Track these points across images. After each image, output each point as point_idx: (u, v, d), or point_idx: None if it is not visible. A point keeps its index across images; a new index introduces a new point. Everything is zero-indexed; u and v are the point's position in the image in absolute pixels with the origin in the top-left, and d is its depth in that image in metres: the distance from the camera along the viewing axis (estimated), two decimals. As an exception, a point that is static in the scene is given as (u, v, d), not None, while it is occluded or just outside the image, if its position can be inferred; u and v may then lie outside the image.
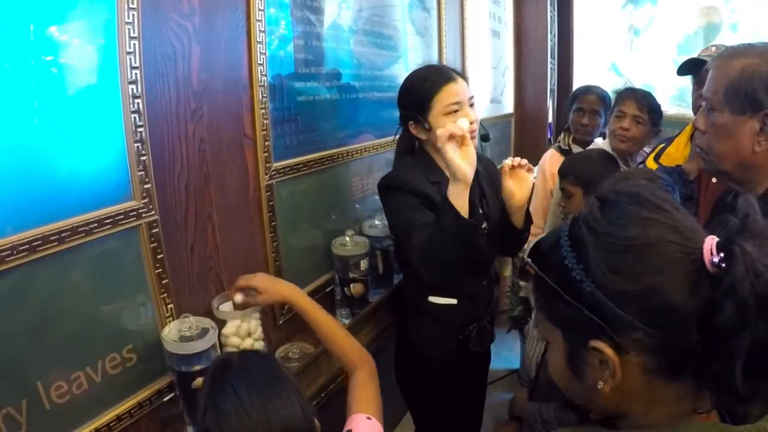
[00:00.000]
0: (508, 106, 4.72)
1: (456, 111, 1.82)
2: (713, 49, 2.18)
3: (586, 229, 0.77)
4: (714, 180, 2.14)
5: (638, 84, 5.02)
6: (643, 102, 2.54)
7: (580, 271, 0.76)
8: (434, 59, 3.05)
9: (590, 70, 5.47)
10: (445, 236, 1.68)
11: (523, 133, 4.89)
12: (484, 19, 3.99)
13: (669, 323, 0.71)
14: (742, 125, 1.32)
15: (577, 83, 5.24)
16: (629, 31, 5.41)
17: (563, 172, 2.34)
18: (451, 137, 1.62)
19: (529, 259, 0.86)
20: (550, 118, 5.16)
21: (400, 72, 2.61)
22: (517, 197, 1.86)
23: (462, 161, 1.63)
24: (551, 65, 5.10)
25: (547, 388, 1.75)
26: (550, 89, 5.12)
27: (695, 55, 2.22)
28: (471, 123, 1.81)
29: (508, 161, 1.84)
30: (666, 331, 0.71)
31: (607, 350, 0.74)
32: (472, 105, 1.88)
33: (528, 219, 1.96)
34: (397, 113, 1.95)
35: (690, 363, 0.73)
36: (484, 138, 2.04)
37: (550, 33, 5.01)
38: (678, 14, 5.11)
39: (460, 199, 1.65)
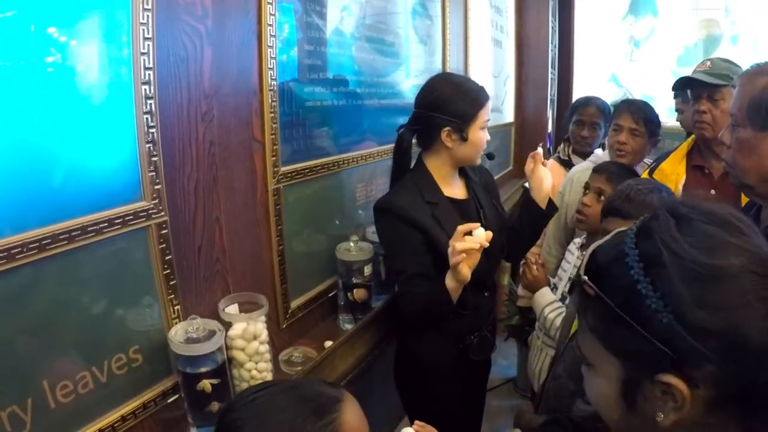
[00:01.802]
0: (509, 115, 4.74)
1: (486, 127, 1.93)
2: (708, 63, 2.20)
3: (668, 252, 0.70)
4: (713, 191, 2.16)
5: (637, 95, 5.05)
6: (639, 114, 2.54)
7: (656, 300, 0.69)
8: (437, 67, 3.07)
9: (590, 81, 5.50)
10: (433, 307, 1.85)
11: (522, 142, 4.91)
12: (487, 28, 4.01)
13: (744, 358, 0.66)
14: (763, 141, 1.34)
15: (577, 93, 5.28)
16: (629, 42, 5.45)
17: (607, 175, 2.30)
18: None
19: (586, 277, 0.77)
20: (550, 128, 5.18)
21: (402, 79, 2.64)
22: (545, 184, 2.00)
23: (468, 270, 1.70)
24: (552, 75, 5.12)
25: (555, 400, 1.75)
26: (550, 99, 5.14)
27: (690, 73, 2.24)
28: (487, 141, 1.95)
29: (540, 151, 1.99)
30: (738, 366, 0.67)
31: (680, 386, 0.69)
32: None
33: (551, 203, 2.08)
34: (399, 120, 1.96)
35: (760, 398, 0.68)
36: (490, 156, 2.08)
37: (551, 43, 5.04)
38: (678, 26, 5.15)
39: (454, 289, 1.77)
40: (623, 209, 1.67)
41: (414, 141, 2.02)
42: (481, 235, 1.65)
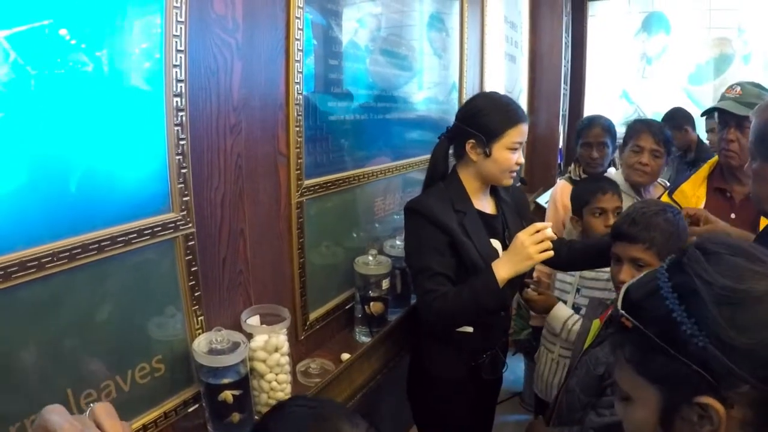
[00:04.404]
0: (521, 130, 4.72)
1: (516, 149, 1.91)
2: (738, 89, 2.18)
3: (700, 281, 0.76)
4: (733, 216, 2.15)
5: (649, 112, 5.05)
6: (660, 136, 2.57)
7: (691, 326, 0.74)
8: (453, 81, 3.09)
9: (601, 97, 5.51)
10: (476, 299, 1.80)
11: (534, 157, 4.90)
12: (501, 42, 4.01)
13: None
14: None
15: (589, 109, 5.28)
16: (641, 59, 5.44)
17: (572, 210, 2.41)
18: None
19: (624, 312, 0.83)
20: (561, 143, 5.18)
21: (419, 93, 2.66)
22: None
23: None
24: (564, 90, 5.12)
25: (567, 413, 1.75)
26: (562, 114, 5.14)
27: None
28: (519, 164, 1.94)
29: None
30: None
31: (717, 406, 0.72)
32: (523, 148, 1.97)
33: None
34: (415, 134, 1.95)
35: None
36: (522, 182, 2.09)
37: (564, 58, 5.05)
38: (691, 44, 5.15)
39: (504, 280, 1.78)
40: (629, 233, 1.69)
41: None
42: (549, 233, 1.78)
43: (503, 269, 1.78)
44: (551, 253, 1.78)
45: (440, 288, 1.83)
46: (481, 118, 1.91)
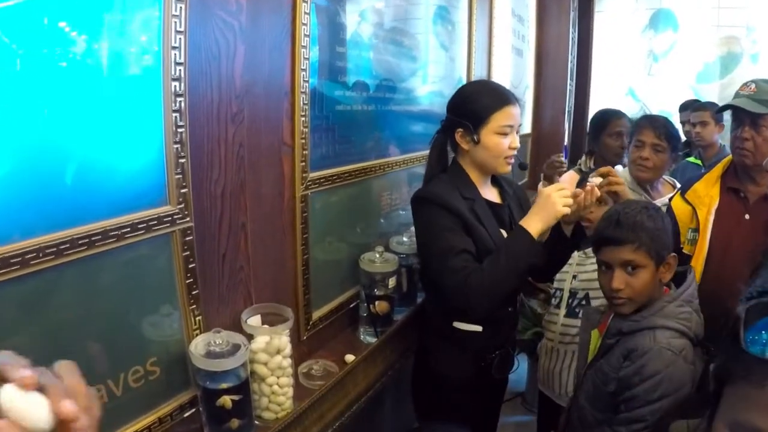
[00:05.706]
0: (526, 126, 4.70)
1: (506, 133, 1.86)
2: (753, 86, 2.12)
3: None
4: (747, 216, 2.09)
5: (655, 110, 5.01)
6: (662, 130, 2.51)
7: None
8: (460, 74, 3.05)
9: (607, 94, 5.47)
10: (516, 260, 1.76)
11: (539, 153, 4.86)
12: (508, 36, 3.97)
13: None
14: None
15: (594, 106, 5.22)
16: (648, 56, 5.40)
17: None
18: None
19: None
20: (566, 140, 5.14)
21: (426, 86, 2.61)
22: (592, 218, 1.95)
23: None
24: (570, 87, 5.08)
25: (582, 430, 1.70)
26: (568, 111, 5.10)
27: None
28: (513, 148, 1.89)
29: (597, 181, 1.95)
30: None
31: None
32: (517, 131, 1.92)
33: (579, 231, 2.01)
34: (421, 127, 1.96)
35: None
36: (522, 167, 2.05)
37: (570, 54, 5.01)
38: (698, 42, 5.11)
39: (537, 227, 1.77)
40: (616, 236, 1.61)
41: None
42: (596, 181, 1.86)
43: (533, 224, 1.76)
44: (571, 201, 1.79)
45: (470, 264, 1.77)
46: (467, 105, 1.89)
